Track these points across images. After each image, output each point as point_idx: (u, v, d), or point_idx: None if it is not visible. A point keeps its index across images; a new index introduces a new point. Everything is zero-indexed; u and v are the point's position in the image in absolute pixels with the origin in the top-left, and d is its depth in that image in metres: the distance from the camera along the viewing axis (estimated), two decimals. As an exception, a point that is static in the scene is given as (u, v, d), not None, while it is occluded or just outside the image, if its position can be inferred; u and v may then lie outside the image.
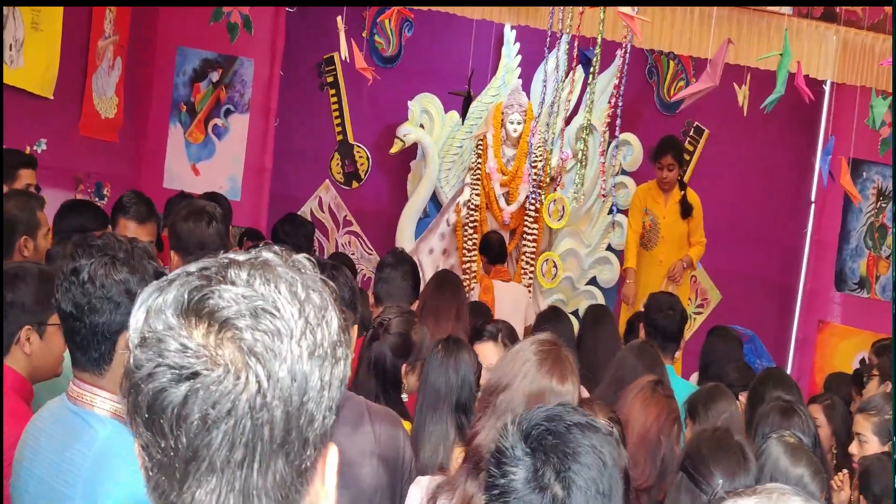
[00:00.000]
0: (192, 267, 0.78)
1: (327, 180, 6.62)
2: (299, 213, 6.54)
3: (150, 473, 0.76)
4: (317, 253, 5.94)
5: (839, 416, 3.41)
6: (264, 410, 0.74)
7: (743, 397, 3.22)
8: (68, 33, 4.21)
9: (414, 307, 3.33)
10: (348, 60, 4.24)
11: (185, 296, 0.75)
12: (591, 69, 3.90)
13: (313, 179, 6.60)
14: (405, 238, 6.45)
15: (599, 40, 3.60)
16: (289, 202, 6.44)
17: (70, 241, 2.66)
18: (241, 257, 0.79)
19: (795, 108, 5.48)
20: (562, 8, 3.98)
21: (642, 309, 4.03)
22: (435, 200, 6.49)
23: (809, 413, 2.87)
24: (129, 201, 3.13)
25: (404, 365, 2.60)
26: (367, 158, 6.62)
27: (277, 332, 0.74)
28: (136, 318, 0.77)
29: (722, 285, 6.69)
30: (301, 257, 0.82)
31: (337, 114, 6.58)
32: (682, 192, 5.74)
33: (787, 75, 3.52)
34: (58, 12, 4.10)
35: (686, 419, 2.77)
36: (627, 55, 3.75)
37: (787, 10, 4.78)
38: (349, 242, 6.78)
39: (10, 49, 3.69)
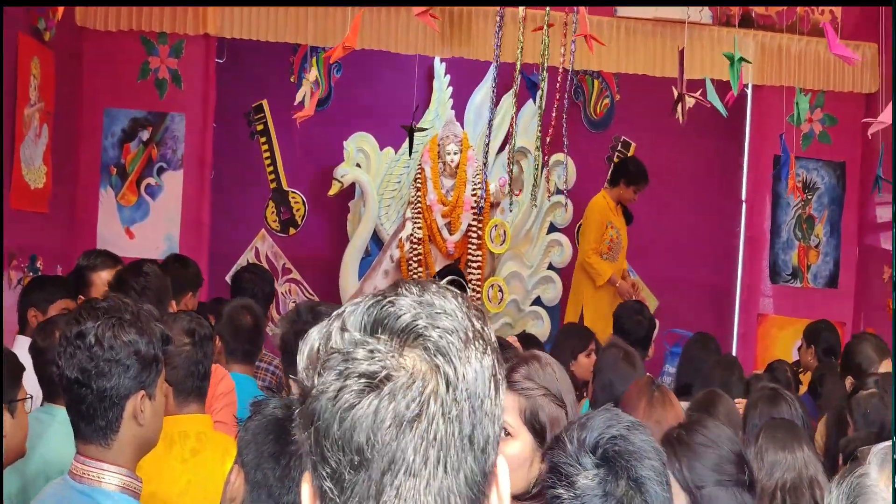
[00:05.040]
0: (360, 298, 0.80)
1: (263, 230, 6.51)
2: (235, 265, 6.41)
3: (340, 501, 0.75)
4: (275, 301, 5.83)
5: None
6: (454, 407, 0.75)
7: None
8: (-7, 104, 4.02)
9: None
10: (309, 108, 4.16)
11: (364, 316, 0.77)
12: (540, 93, 3.97)
13: (249, 230, 6.47)
14: (349, 279, 6.38)
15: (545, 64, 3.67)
16: (227, 256, 6.28)
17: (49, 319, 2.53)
18: (402, 283, 0.81)
19: (717, 112, 5.72)
20: (499, 37, 4.04)
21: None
22: (376, 238, 6.45)
23: (795, 396, 2.96)
24: (91, 255, 3.04)
25: None
26: (303, 204, 6.54)
27: (456, 331, 0.77)
28: (310, 344, 0.78)
29: (659, 291, 6.87)
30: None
31: (269, 161, 6.49)
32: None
33: (737, 79, 3.67)
34: (-18, 83, 3.90)
35: None
36: (569, 77, 3.83)
37: (706, 19, 4.98)
38: (289, 290, 6.66)
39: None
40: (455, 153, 6.11)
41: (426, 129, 6.11)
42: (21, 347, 2.84)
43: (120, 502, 1.64)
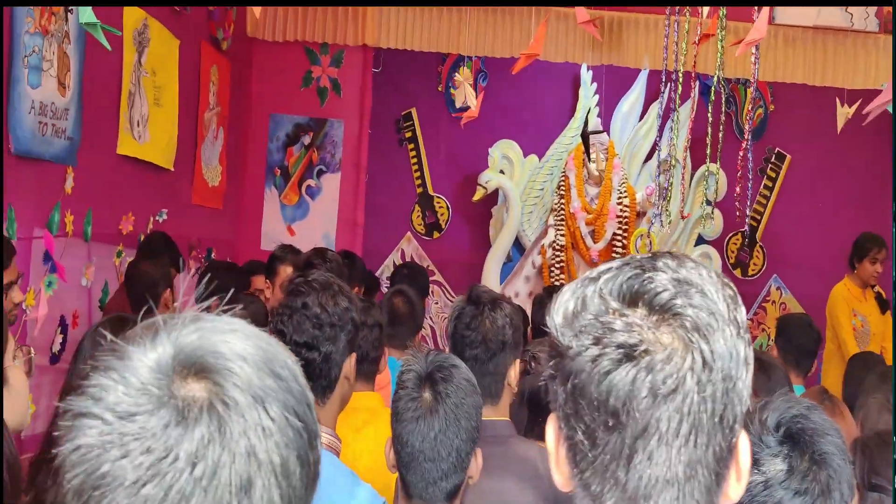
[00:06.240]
0: (615, 263, 0.83)
1: (409, 232, 6.73)
2: (382, 265, 6.69)
3: (591, 455, 0.79)
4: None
5: None
6: (709, 385, 0.77)
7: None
8: (181, 107, 4.41)
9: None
10: (475, 109, 4.36)
11: (623, 284, 0.80)
12: (711, 97, 3.95)
13: (396, 233, 6.72)
14: (491, 283, 6.48)
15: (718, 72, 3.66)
16: (377, 256, 6.56)
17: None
18: (656, 253, 0.84)
19: (882, 125, 5.46)
20: (675, 44, 4.05)
21: None
22: (517, 244, 6.54)
23: None
24: (285, 249, 3.31)
25: None
26: (447, 208, 6.72)
27: (712, 312, 0.79)
28: (565, 306, 0.82)
29: (816, 308, 6.58)
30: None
31: (416, 167, 6.72)
32: (873, 286, 5.40)
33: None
34: (173, 87, 4.29)
35: None
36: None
37: (872, 27, 4.79)
38: (433, 292, 6.84)
39: (138, 125, 3.88)
40: (601, 161, 6.11)
41: (601, 132, 6.12)
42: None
43: (326, 458, 1.80)
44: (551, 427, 0.84)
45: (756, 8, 3.77)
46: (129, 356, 0.64)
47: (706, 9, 3.01)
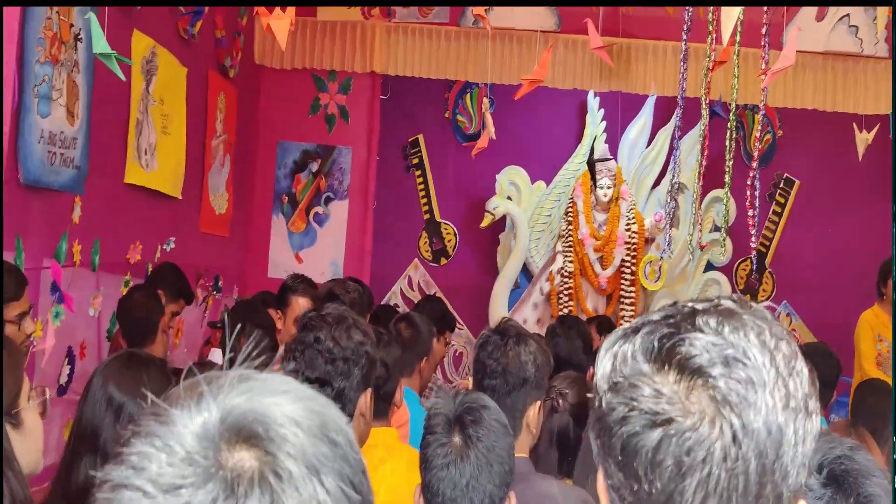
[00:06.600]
0: (657, 315, 0.79)
1: (416, 259, 6.71)
2: (390, 292, 6.65)
3: None
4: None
5: None
6: (739, 461, 0.72)
7: None
8: (189, 135, 4.39)
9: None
10: (486, 138, 4.35)
11: (655, 343, 0.76)
12: (730, 125, 3.93)
13: (403, 259, 6.69)
14: (499, 310, 6.44)
15: (735, 95, 3.63)
16: (385, 283, 6.52)
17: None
18: (703, 305, 0.78)
19: (888, 151, 5.44)
20: (683, 70, 4.03)
21: None
22: (525, 271, 6.51)
23: None
24: (297, 280, 3.25)
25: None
26: (455, 235, 6.70)
27: (750, 382, 0.74)
28: (604, 364, 0.79)
29: (828, 335, 6.52)
30: (761, 306, 0.81)
31: (423, 194, 6.71)
32: None
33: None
34: (181, 115, 4.27)
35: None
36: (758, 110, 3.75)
37: (882, 53, 4.78)
38: (439, 320, 6.79)
39: (146, 153, 3.86)
40: (608, 187, 6.09)
41: (609, 159, 6.11)
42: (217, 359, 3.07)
43: None
44: (600, 473, 0.82)
45: (765, 31, 3.75)
46: (172, 421, 0.59)
47: (725, 35, 2.99)
